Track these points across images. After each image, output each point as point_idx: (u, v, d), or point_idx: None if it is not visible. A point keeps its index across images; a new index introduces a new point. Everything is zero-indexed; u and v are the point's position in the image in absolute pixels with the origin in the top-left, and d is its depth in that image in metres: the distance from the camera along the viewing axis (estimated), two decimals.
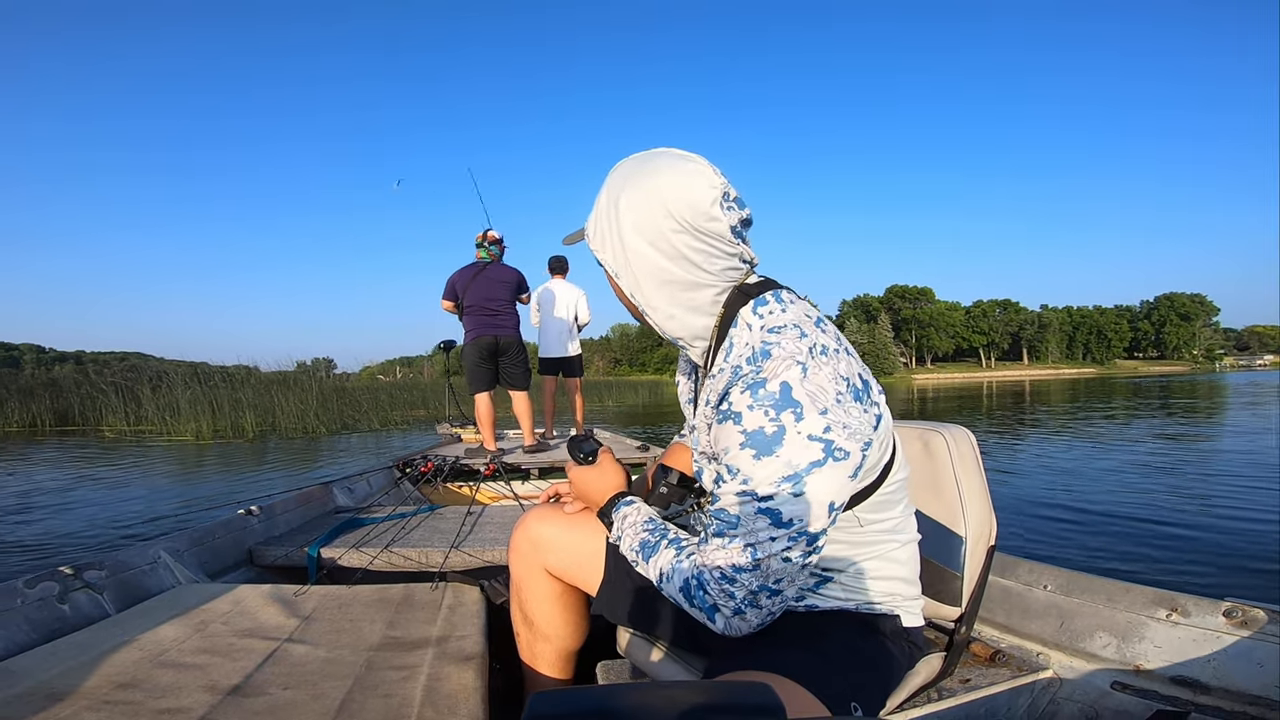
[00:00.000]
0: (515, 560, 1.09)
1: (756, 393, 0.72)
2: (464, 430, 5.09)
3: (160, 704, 0.95)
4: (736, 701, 0.38)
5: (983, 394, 24.41)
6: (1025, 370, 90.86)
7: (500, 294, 4.14)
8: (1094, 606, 1.06)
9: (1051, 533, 3.21)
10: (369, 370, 25.06)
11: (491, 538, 1.95)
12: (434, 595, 1.44)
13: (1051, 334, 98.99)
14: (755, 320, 0.80)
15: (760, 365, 0.74)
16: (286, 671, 1.07)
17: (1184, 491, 4.14)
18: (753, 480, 0.72)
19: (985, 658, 1.07)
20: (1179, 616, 0.98)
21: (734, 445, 0.73)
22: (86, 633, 1.25)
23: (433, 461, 3.50)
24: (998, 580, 1.19)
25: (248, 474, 6.01)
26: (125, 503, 4.60)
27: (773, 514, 0.72)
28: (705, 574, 0.77)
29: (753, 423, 0.71)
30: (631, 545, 0.89)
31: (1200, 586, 2.10)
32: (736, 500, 0.73)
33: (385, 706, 0.94)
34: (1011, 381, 49.54)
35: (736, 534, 0.74)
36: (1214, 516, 3.36)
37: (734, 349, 0.79)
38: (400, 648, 1.17)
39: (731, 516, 0.74)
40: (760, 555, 0.73)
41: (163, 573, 1.61)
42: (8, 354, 56.16)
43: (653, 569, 0.85)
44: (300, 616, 1.32)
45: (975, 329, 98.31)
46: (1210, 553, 2.75)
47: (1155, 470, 5.09)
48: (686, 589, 0.80)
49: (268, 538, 2.06)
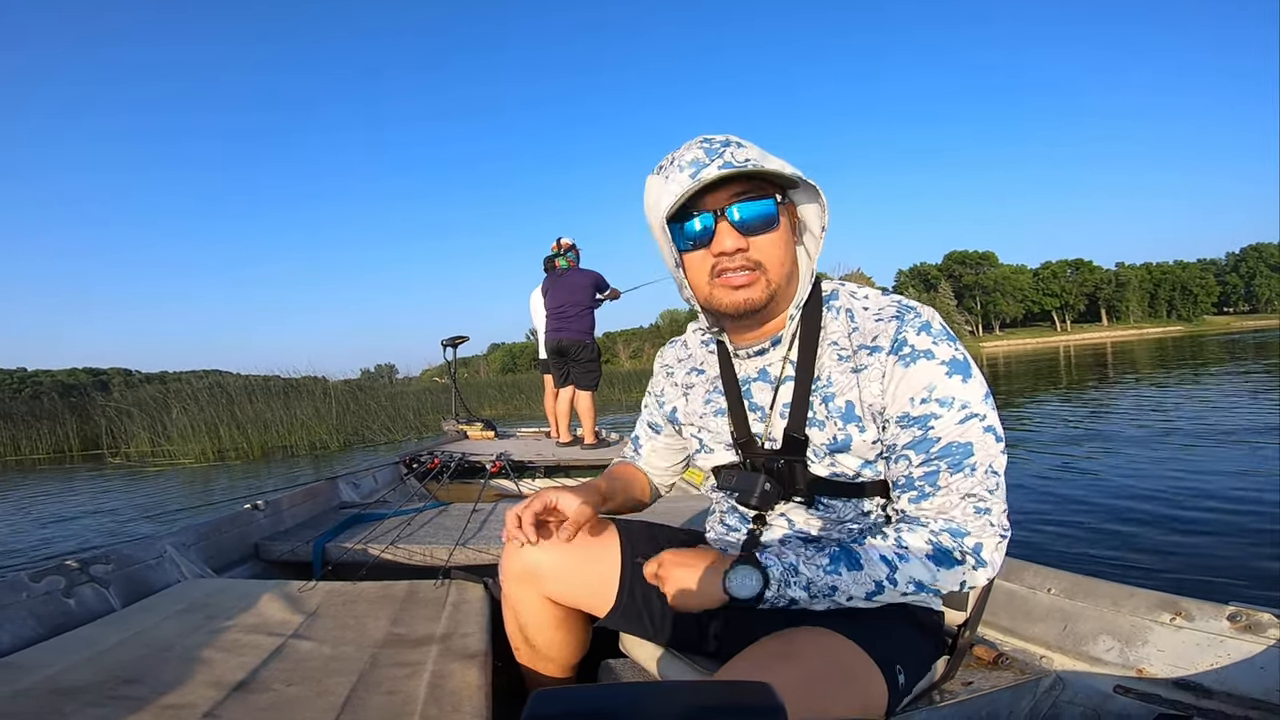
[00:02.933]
0: (509, 585, 1.01)
1: (931, 329, 0.80)
2: (469, 427, 5.11)
3: (165, 699, 0.95)
4: (737, 702, 0.38)
5: (1060, 360, 22.49)
6: (1106, 332, 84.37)
7: (567, 299, 4.54)
8: (1098, 610, 1.06)
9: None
10: (428, 373, 24.96)
11: (497, 535, 1.96)
12: (438, 592, 1.44)
13: (1131, 292, 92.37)
14: (857, 293, 0.88)
15: (915, 311, 0.82)
16: (291, 667, 1.07)
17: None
18: (971, 403, 0.77)
19: (988, 660, 1.07)
20: (1182, 620, 0.97)
21: (938, 378, 0.78)
22: (91, 627, 1.25)
23: (439, 458, 3.51)
24: (1002, 584, 1.19)
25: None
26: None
27: (994, 430, 0.78)
28: (949, 524, 0.78)
29: (945, 353, 0.78)
30: (814, 579, 0.77)
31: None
32: (961, 428, 0.77)
33: (389, 703, 0.95)
34: (1091, 345, 45.01)
35: (974, 460, 0.77)
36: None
37: (856, 316, 0.85)
38: (404, 644, 1.17)
39: (963, 445, 0.77)
40: (998, 472, 0.78)
41: (168, 567, 1.62)
42: (96, 378, 56.44)
43: (867, 573, 0.76)
44: (305, 612, 1.33)
45: (1046, 291, 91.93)
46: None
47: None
48: (935, 556, 0.77)
49: (273, 533, 2.07)
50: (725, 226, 0.79)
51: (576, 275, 4.59)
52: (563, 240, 4.72)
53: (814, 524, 0.88)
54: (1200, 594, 1.01)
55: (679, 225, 0.81)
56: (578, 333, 4.53)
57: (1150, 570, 2.50)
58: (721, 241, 0.79)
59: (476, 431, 5.04)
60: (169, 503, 5.35)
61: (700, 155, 0.78)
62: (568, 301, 4.56)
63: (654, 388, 1.10)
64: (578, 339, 4.52)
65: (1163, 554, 2.67)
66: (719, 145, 0.79)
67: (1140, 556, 2.66)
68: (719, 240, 0.79)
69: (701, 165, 0.77)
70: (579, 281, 4.56)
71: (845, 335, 0.85)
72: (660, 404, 1.08)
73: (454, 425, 5.26)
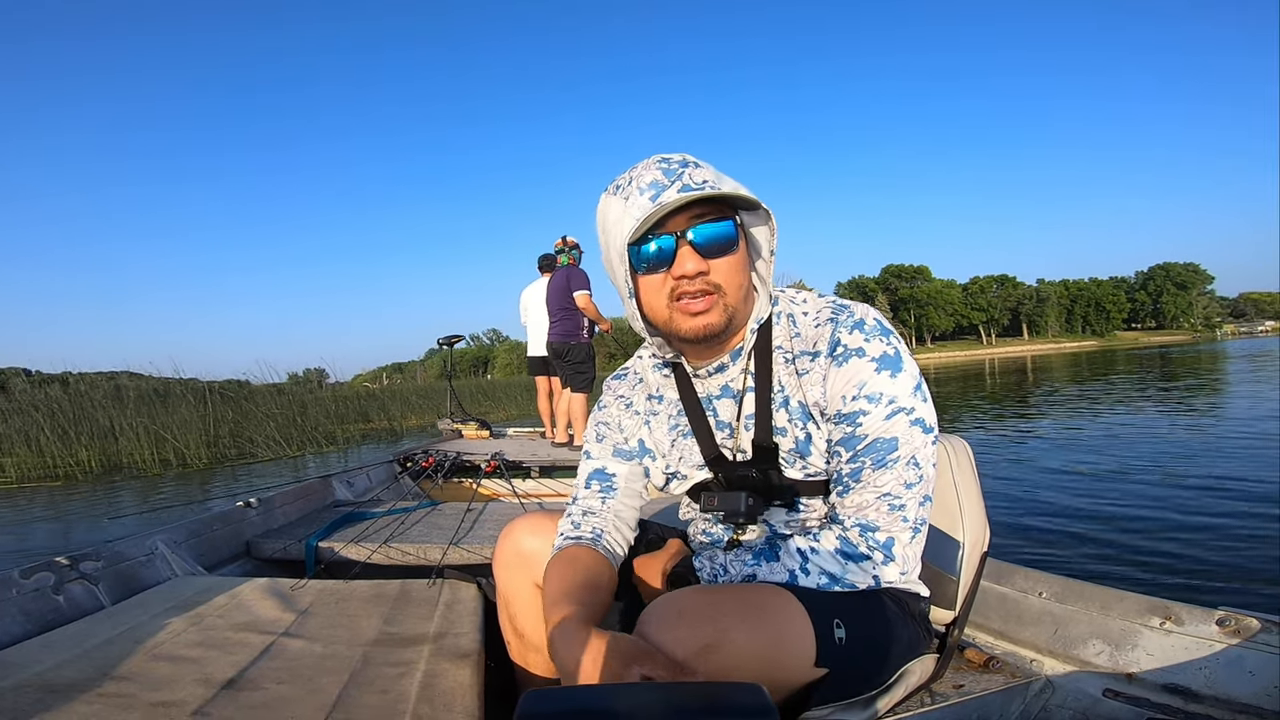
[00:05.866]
0: (502, 573, 1.02)
1: (864, 327, 0.82)
2: (464, 426, 5.11)
3: (155, 696, 0.95)
4: (728, 702, 0.38)
5: (985, 372, 23.86)
6: (1026, 346, 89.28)
7: (551, 300, 4.57)
8: (1088, 614, 1.06)
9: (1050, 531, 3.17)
10: (360, 379, 24.30)
11: (490, 535, 1.95)
12: (431, 591, 1.44)
13: (1050, 308, 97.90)
14: (796, 298, 0.89)
15: (848, 310, 0.84)
16: (282, 666, 1.07)
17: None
18: (898, 397, 0.79)
19: (979, 664, 1.07)
20: (1172, 624, 0.98)
21: (868, 374, 0.79)
22: (81, 624, 1.25)
23: (433, 457, 3.51)
24: (993, 587, 1.19)
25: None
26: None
27: (921, 422, 0.80)
28: (861, 519, 0.80)
29: (876, 349, 0.80)
30: (735, 575, 0.84)
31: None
32: (887, 423, 0.79)
33: (381, 702, 0.95)
34: (1013, 357, 48.17)
35: (898, 454, 0.79)
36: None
37: (797, 321, 0.87)
38: (397, 643, 1.17)
39: (888, 440, 0.79)
40: (922, 464, 0.80)
41: (159, 564, 1.61)
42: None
43: (783, 564, 0.81)
44: (297, 610, 1.32)
45: (974, 306, 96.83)
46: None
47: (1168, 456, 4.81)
48: (844, 551, 0.80)
49: (265, 530, 2.06)
50: (686, 250, 0.78)
51: (558, 276, 4.56)
52: (567, 238, 4.66)
53: (794, 524, 0.90)
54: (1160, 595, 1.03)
55: (635, 248, 0.81)
56: (560, 334, 4.53)
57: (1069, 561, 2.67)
58: (683, 264, 0.79)
59: (472, 431, 5.04)
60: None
61: (659, 177, 0.78)
62: (552, 303, 4.57)
63: (608, 419, 1.03)
64: (562, 340, 4.52)
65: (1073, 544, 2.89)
66: (677, 166, 0.79)
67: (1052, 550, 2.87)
68: (680, 263, 0.79)
69: (661, 188, 0.77)
70: (558, 282, 4.53)
71: (788, 339, 0.87)
72: (625, 437, 1.02)
73: (449, 424, 5.25)
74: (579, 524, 0.97)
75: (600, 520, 0.98)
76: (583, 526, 0.97)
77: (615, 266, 0.84)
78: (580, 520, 0.98)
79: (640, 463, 1.01)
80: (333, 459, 7.92)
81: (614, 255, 0.83)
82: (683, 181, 0.77)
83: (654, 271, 0.81)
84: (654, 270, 0.81)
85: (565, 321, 4.52)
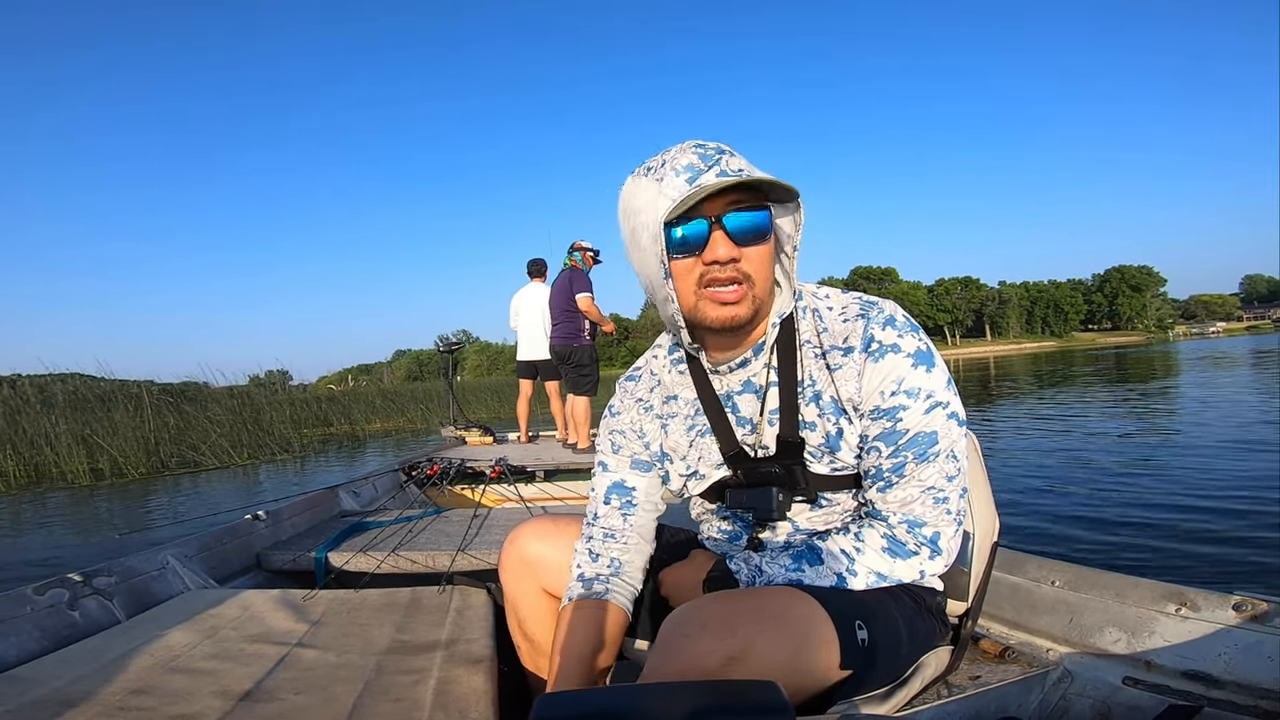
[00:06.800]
0: (508, 580, 1.02)
1: (895, 323, 0.82)
2: (467, 433, 5.11)
3: (173, 710, 0.95)
4: (743, 701, 0.38)
5: (959, 373, 24.07)
6: (989, 347, 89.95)
7: (553, 303, 4.62)
8: (1103, 601, 1.06)
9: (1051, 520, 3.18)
10: (325, 380, 23.84)
11: (497, 540, 1.96)
12: (441, 598, 1.44)
13: (1011, 309, 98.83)
14: (819, 293, 0.89)
15: (876, 306, 0.84)
16: (297, 676, 1.07)
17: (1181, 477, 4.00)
18: (935, 391, 0.79)
19: (995, 654, 1.07)
20: (1188, 610, 0.97)
21: (904, 370, 0.79)
22: (97, 639, 1.25)
23: (438, 464, 3.51)
24: (1005, 577, 1.19)
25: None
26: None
27: (956, 415, 0.81)
28: (907, 514, 0.80)
29: (910, 345, 0.80)
30: (775, 578, 0.83)
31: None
32: (927, 417, 0.79)
33: (396, 710, 0.95)
34: (977, 358, 48.50)
35: (938, 448, 0.79)
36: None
37: (823, 316, 0.86)
38: (409, 651, 1.17)
39: (929, 434, 0.79)
40: (959, 456, 0.81)
41: (171, 578, 1.62)
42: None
43: (828, 566, 0.81)
44: (309, 621, 1.33)
45: (939, 307, 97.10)
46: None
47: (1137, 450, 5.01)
48: (891, 548, 0.81)
49: (275, 542, 2.07)
50: (720, 235, 0.77)
51: (561, 278, 4.58)
52: (579, 242, 4.67)
53: (817, 520, 0.89)
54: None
55: (666, 231, 0.78)
56: (562, 337, 4.55)
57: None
58: (715, 249, 0.77)
59: (475, 437, 5.04)
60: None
61: (695, 160, 0.76)
62: (554, 305, 4.59)
63: (623, 427, 0.99)
64: (565, 343, 4.53)
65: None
66: (713, 152, 0.77)
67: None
68: (712, 248, 0.77)
69: (698, 171, 0.76)
70: (560, 285, 4.55)
71: (815, 334, 0.86)
72: (646, 444, 0.98)
73: (452, 431, 5.25)
74: (598, 555, 0.95)
75: (622, 545, 0.96)
76: (601, 559, 0.95)
77: (646, 248, 0.80)
78: (600, 549, 0.96)
79: (658, 471, 0.99)
80: (289, 468, 7.60)
81: (645, 237, 0.80)
82: (720, 167, 0.76)
83: (685, 256, 0.79)
84: (684, 255, 0.79)
85: (567, 324, 4.52)
